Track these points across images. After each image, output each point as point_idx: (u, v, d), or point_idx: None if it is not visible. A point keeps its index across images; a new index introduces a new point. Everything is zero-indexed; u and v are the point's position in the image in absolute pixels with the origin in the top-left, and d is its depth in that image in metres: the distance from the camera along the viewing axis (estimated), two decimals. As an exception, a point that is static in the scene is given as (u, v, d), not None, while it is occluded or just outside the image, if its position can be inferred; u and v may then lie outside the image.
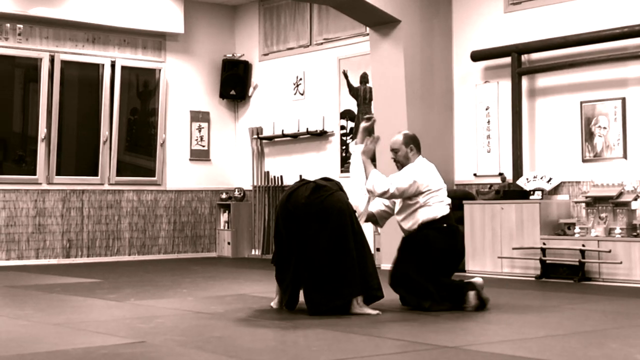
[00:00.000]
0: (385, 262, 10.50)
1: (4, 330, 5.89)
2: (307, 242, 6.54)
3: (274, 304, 6.88)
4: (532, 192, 9.87)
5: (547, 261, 9.41)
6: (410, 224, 6.95)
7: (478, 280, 6.79)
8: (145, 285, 8.97)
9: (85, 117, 13.14)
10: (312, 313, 6.43)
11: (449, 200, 7.08)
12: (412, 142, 7.10)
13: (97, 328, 5.89)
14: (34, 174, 12.42)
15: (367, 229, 9.23)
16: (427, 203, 6.89)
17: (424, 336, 5.50)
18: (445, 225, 6.93)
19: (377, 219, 7.37)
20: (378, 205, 7.28)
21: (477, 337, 5.58)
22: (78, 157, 13.16)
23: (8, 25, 12.22)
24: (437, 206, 6.93)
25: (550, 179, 9.93)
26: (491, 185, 10.42)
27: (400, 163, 7.08)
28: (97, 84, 13.07)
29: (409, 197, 6.90)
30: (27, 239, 12.34)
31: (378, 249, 11.19)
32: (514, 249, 9.68)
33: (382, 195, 6.87)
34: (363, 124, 7.22)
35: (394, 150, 7.13)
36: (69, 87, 12.84)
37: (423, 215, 6.90)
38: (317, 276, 6.50)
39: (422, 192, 6.88)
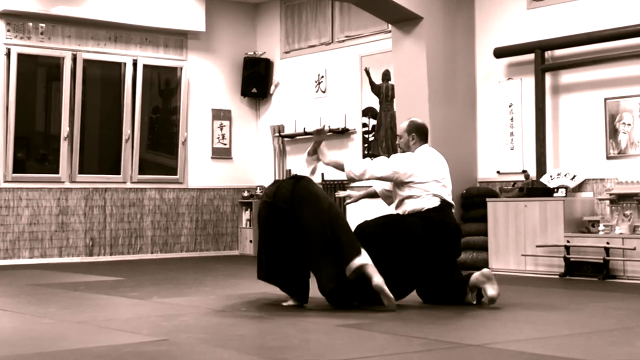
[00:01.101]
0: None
1: (28, 328, 5.90)
2: (303, 228, 6.59)
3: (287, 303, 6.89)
4: (555, 190, 9.83)
5: (571, 259, 9.37)
6: (400, 212, 6.96)
7: (478, 277, 6.61)
8: (167, 283, 8.97)
9: (108, 115, 13.21)
10: (326, 291, 6.54)
11: (446, 193, 6.91)
12: (415, 130, 7.06)
13: (120, 326, 5.88)
14: (57, 172, 12.48)
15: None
16: (413, 194, 6.83)
17: (448, 334, 5.46)
18: (430, 216, 6.80)
19: (380, 196, 7.40)
20: (382, 185, 7.32)
21: (501, 335, 5.54)
22: (100, 155, 13.23)
23: (30, 24, 12.27)
24: (424, 198, 6.81)
25: (574, 176, 9.89)
26: (514, 182, 10.40)
27: (402, 150, 7.12)
28: (119, 82, 13.13)
29: (398, 186, 6.90)
30: (50, 237, 12.39)
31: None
32: (537, 246, 9.64)
33: (360, 177, 6.88)
34: (315, 138, 7.25)
35: (398, 136, 7.21)
36: (91, 86, 12.90)
37: (409, 206, 6.86)
38: (320, 255, 6.54)
39: (406, 183, 6.83)
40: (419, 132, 7.06)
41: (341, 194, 7.62)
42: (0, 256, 11.97)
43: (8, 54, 12.07)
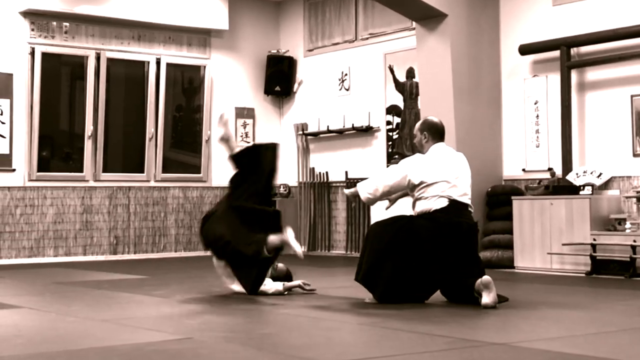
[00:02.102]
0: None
1: (52, 326, 5.94)
2: None
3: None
4: (582, 187, 9.78)
5: (598, 257, 9.32)
6: (412, 213, 6.98)
7: (478, 284, 6.53)
8: (191, 282, 9.00)
9: (131, 114, 13.26)
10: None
11: (457, 193, 6.83)
12: (428, 129, 7.04)
13: (144, 324, 5.91)
14: (81, 171, 12.53)
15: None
16: (422, 196, 6.83)
17: (473, 333, 5.45)
18: (436, 216, 6.78)
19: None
20: None
21: (526, 333, 5.50)
22: (124, 154, 13.29)
23: (54, 23, 12.32)
24: (431, 199, 6.79)
25: (601, 173, 9.83)
26: (540, 180, 10.35)
27: (418, 149, 7.14)
28: (142, 81, 13.20)
29: (410, 188, 6.91)
30: (74, 235, 12.45)
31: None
32: (563, 244, 9.59)
33: (374, 197, 6.92)
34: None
35: (414, 135, 7.22)
36: (114, 85, 12.96)
37: (419, 207, 6.88)
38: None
39: (417, 185, 6.82)
40: (432, 131, 7.04)
41: (347, 192, 7.36)
42: (25, 254, 12.03)
43: (32, 53, 12.11)
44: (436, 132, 7.05)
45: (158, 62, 13.15)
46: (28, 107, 12.07)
